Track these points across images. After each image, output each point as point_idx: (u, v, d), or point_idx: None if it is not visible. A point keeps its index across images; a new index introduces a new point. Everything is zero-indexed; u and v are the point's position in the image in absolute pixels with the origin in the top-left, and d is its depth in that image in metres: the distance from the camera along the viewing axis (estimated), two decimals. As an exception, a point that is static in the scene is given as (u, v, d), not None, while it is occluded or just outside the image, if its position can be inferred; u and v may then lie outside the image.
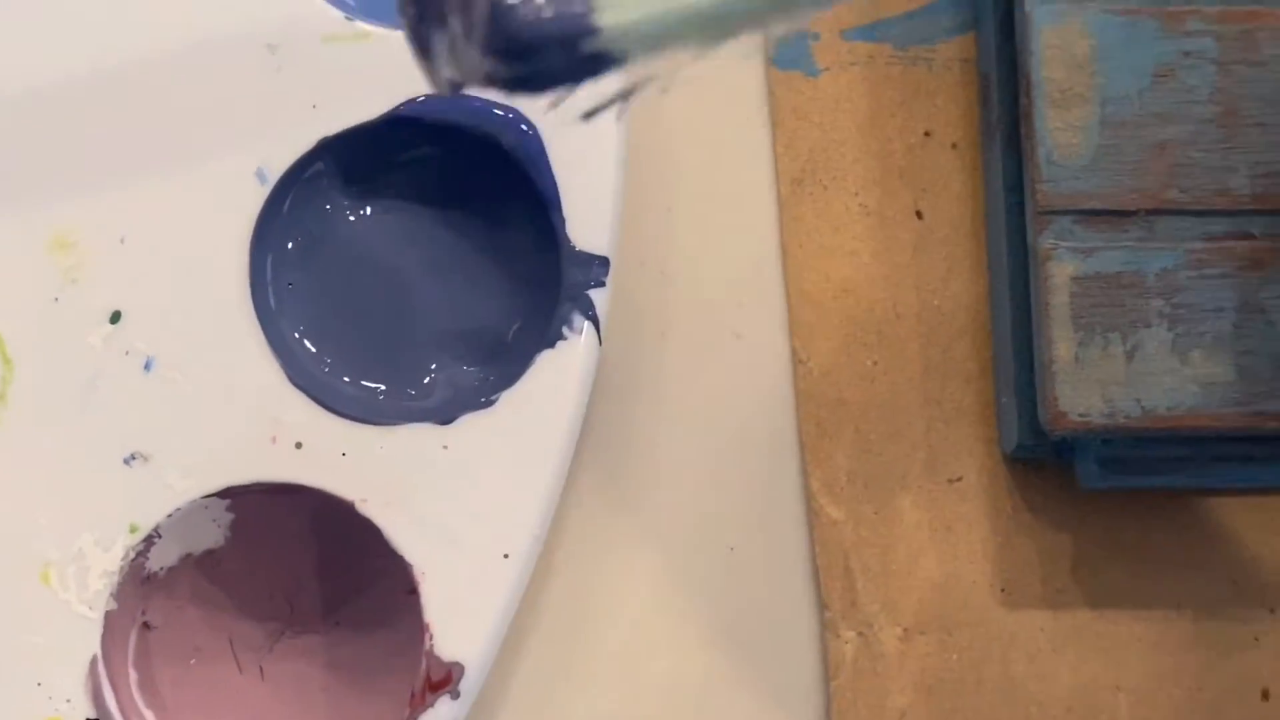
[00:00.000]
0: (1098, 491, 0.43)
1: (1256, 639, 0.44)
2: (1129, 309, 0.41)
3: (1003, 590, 0.44)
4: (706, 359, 0.45)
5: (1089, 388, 0.41)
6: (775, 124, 0.46)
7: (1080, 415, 0.41)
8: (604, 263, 0.42)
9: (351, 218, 0.43)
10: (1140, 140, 0.42)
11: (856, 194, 0.46)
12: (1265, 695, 0.44)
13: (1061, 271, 0.42)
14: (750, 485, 0.45)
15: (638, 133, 0.44)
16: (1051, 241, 0.42)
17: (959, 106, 0.46)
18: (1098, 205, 0.42)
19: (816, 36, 0.47)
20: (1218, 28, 0.42)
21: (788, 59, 0.47)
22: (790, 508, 0.45)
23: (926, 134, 0.46)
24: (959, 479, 0.45)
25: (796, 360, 0.45)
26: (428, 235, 0.43)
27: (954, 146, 0.46)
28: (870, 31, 0.47)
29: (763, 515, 0.45)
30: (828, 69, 0.47)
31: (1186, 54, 0.42)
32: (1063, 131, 0.42)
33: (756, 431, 0.45)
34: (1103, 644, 0.44)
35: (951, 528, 0.44)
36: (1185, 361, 0.41)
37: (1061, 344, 0.41)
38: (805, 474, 0.44)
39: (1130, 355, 0.41)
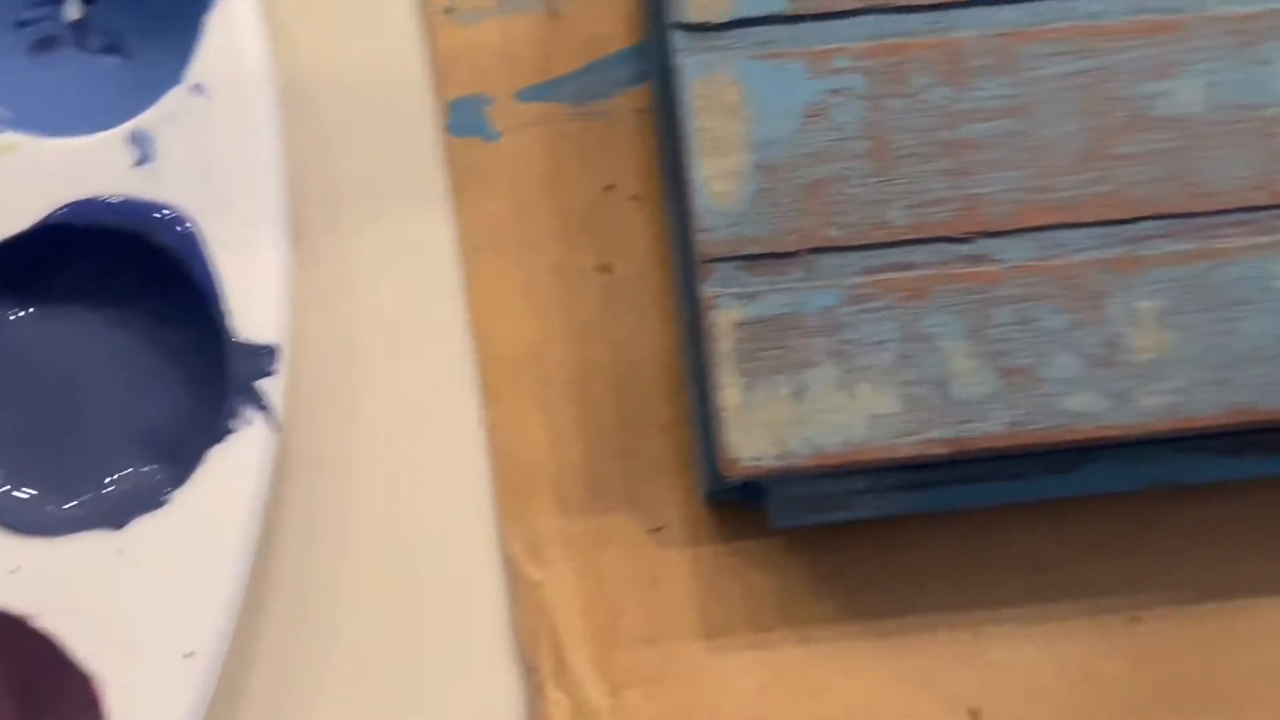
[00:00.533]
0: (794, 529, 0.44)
1: (962, 659, 0.44)
2: (793, 349, 0.42)
3: (709, 637, 0.44)
4: (399, 433, 0.45)
5: (759, 431, 0.41)
6: (455, 191, 0.46)
7: (752, 459, 0.41)
8: (271, 352, 0.42)
9: (13, 328, 0.43)
10: (795, 181, 0.42)
11: (541, 254, 0.46)
12: (975, 715, 0.44)
13: (725, 319, 0.42)
14: (450, 556, 0.45)
15: (308, 214, 0.44)
16: (715, 289, 0.42)
17: (639, 158, 0.47)
18: (758, 250, 0.42)
19: (491, 100, 0.47)
20: (865, 63, 0.43)
21: (463, 125, 0.47)
22: (493, 574, 0.45)
23: (608, 188, 0.47)
24: (660, 528, 0.45)
25: (490, 426, 0.45)
26: (94, 339, 0.43)
27: (635, 198, 0.47)
28: (544, 91, 0.47)
29: (465, 585, 0.44)
30: (505, 132, 0.47)
31: (835, 92, 0.43)
32: (718, 179, 0.42)
33: (454, 502, 0.45)
34: (810, 681, 0.44)
35: (656, 579, 0.44)
36: (853, 397, 0.42)
37: (729, 390, 0.41)
38: (504, 540, 0.45)
39: (798, 395, 0.41)
